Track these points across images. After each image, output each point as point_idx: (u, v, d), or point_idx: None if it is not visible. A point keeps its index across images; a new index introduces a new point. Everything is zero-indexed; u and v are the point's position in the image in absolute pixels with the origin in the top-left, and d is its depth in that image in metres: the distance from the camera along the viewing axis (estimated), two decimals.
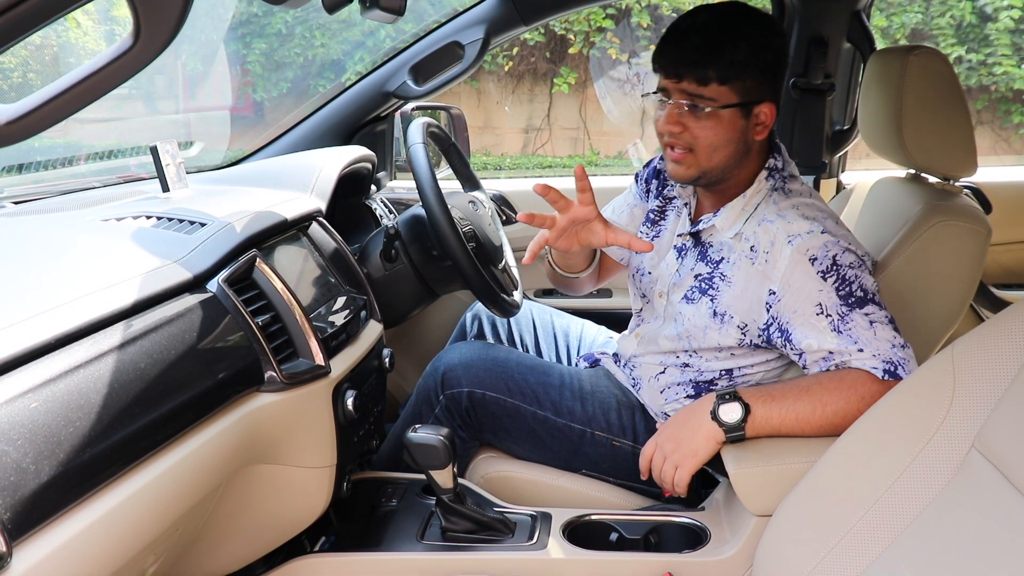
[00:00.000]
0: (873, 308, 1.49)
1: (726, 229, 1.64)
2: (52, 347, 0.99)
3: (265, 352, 1.31)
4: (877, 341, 1.47)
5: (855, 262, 1.51)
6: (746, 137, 1.59)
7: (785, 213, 1.56)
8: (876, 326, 1.48)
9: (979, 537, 1.04)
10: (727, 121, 1.56)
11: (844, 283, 1.49)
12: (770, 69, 1.57)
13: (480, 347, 1.90)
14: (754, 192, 1.63)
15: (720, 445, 1.51)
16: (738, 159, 1.61)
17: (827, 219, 1.56)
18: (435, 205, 1.72)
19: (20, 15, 0.76)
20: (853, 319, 1.48)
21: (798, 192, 1.63)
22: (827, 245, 1.50)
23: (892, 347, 1.47)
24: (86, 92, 0.81)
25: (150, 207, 1.54)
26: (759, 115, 1.58)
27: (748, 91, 1.55)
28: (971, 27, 7.00)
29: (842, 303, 1.49)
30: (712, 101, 1.54)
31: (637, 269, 1.86)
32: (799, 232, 1.52)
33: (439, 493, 1.52)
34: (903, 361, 1.46)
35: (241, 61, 6.82)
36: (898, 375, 1.45)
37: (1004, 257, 2.76)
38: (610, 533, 1.59)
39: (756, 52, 1.53)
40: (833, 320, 1.49)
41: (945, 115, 1.72)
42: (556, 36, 7.62)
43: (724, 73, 1.52)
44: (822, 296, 1.49)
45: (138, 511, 1.04)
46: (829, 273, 1.49)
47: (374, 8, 1.20)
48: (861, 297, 1.49)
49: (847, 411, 1.44)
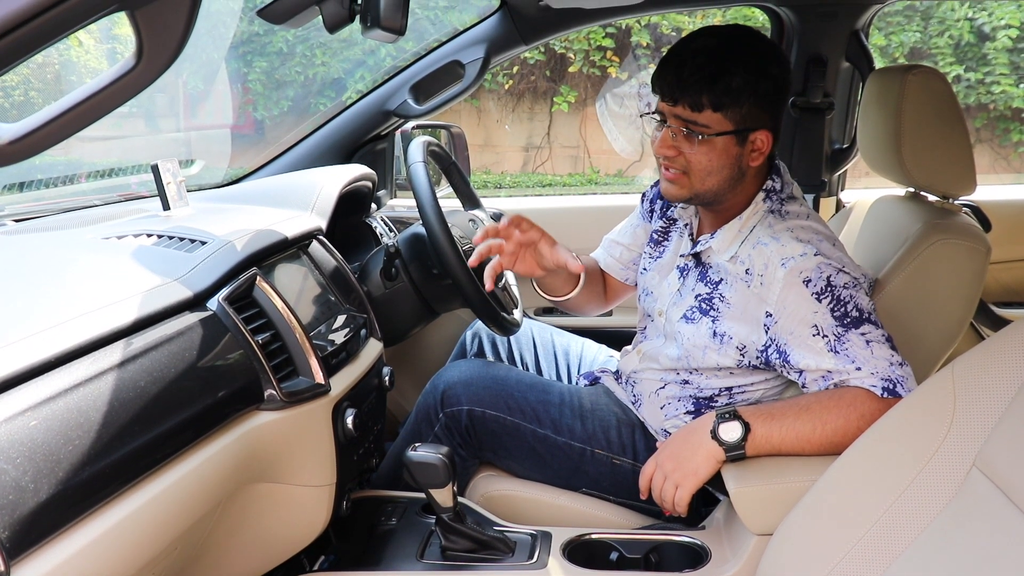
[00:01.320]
0: (869, 328, 1.49)
1: (722, 251, 1.64)
2: (52, 365, 0.99)
3: (265, 370, 1.31)
4: (875, 360, 1.47)
5: (849, 282, 1.51)
6: (740, 163, 1.59)
7: (779, 236, 1.56)
8: (873, 345, 1.48)
9: (981, 556, 1.03)
10: (721, 148, 1.56)
11: (839, 304, 1.49)
12: (767, 97, 1.56)
13: (480, 365, 1.90)
14: (750, 214, 1.63)
15: (720, 464, 1.50)
16: (732, 184, 1.61)
17: (822, 241, 1.55)
18: (436, 224, 1.72)
19: (23, 35, 0.76)
20: (849, 339, 1.48)
21: (795, 214, 1.62)
22: (820, 267, 1.50)
23: (890, 365, 1.47)
24: (89, 112, 0.82)
25: (151, 225, 1.54)
26: (755, 142, 1.58)
27: (744, 119, 1.55)
28: (969, 46, 7.04)
29: (838, 324, 1.48)
30: (706, 128, 1.54)
31: (643, 289, 1.87)
32: (792, 255, 1.52)
33: (439, 512, 1.51)
34: (902, 379, 1.46)
35: (242, 80, 6.84)
36: (897, 393, 1.45)
37: (1004, 275, 2.76)
38: (610, 552, 1.58)
39: (753, 80, 1.53)
40: (830, 341, 1.49)
41: (944, 134, 1.72)
42: (556, 55, 7.65)
43: (718, 100, 1.52)
44: (817, 318, 1.49)
45: (137, 529, 1.04)
46: (824, 295, 1.49)
47: (375, 27, 1.21)
48: (857, 317, 1.49)
49: (847, 429, 1.44)
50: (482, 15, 2.46)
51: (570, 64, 7.58)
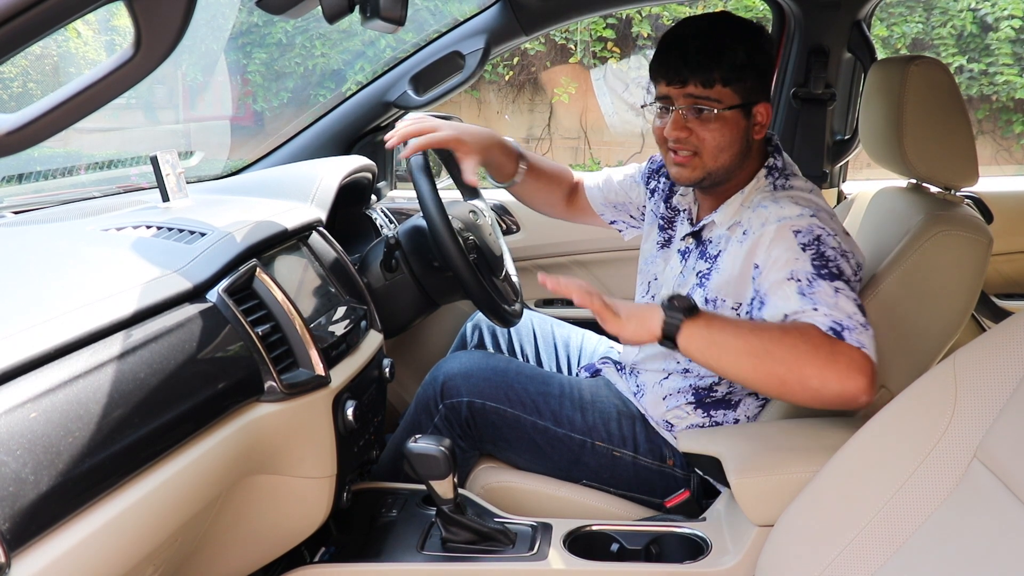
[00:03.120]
0: (843, 285, 1.45)
1: (724, 223, 1.67)
2: (51, 357, 0.99)
3: (265, 362, 1.31)
4: (836, 308, 1.42)
5: (838, 246, 1.50)
6: (747, 136, 1.63)
7: (779, 200, 1.59)
8: (840, 296, 1.43)
9: (982, 548, 1.03)
10: (732, 122, 1.60)
11: (821, 258, 1.48)
12: (765, 71, 1.63)
13: (480, 356, 1.90)
14: (753, 188, 1.67)
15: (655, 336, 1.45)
16: (740, 159, 1.65)
17: (821, 211, 1.57)
18: (437, 219, 1.71)
19: (21, 25, 0.76)
20: (820, 286, 1.44)
21: (799, 188, 1.65)
22: (813, 226, 1.51)
23: (849, 316, 1.41)
24: (87, 102, 0.81)
25: (150, 217, 1.54)
26: (757, 115, 1.63)
27: (748, 92, 1.60)
28: (972, 37, 7.01)
29: (814, 272, 1.46)
30: (717, 103, 1.58)
31: (649, 275, 1.89)
32: (789, 215, 1.54)
33: (439, 504, 1.51)
34: (853, 328, 1.39)
35: (241, 71, 6.82)
36: (843, 336, 1.38)
37: (1005, 267, 2.75)
38: (611, 544, 1.58)
39: (752, 54, 1.58)
40: (801, 285, 1.45)
41: (946, 125, 1.72)
42: (557, 46, 7.63)
43: (727, 75, 1.57)
44: (797, 264, 1.48)
45: (138, 521, 1.04)
46: (809, 247, 1.49)
47: (375, 18, 1.20)
48: (835, 274, 1.47)
49: (783, 342, 1.38)
50: (482, 5, 2.45)
51: (571, 55, 7.57)
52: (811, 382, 1.36)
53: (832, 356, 1.36)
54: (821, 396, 1.37)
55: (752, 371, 1.41)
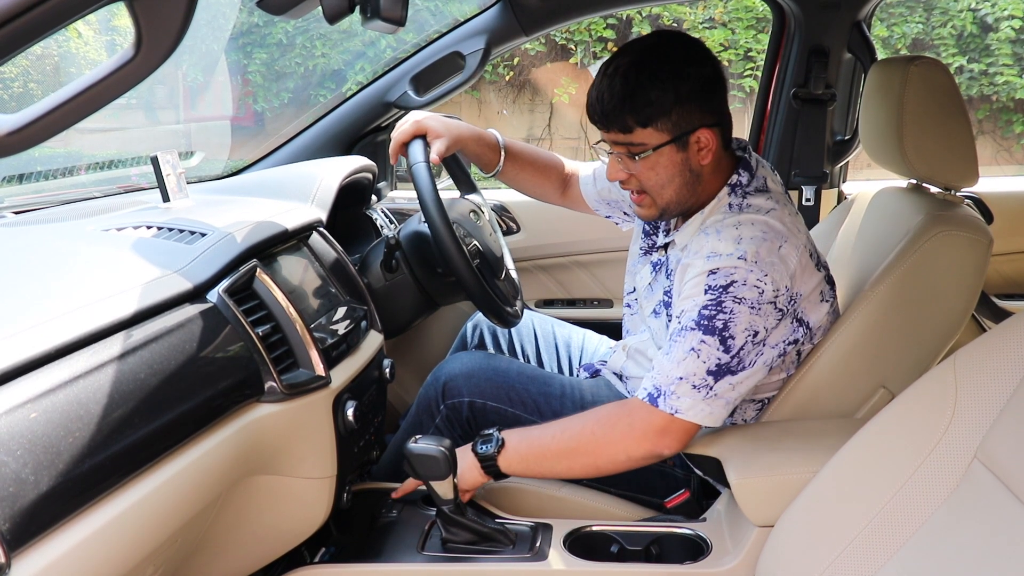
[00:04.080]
0: (713, 342, 1.47)
1: (682, 243, 1.66)
2: (52, 357, 0.99)
3: (265, 362, 1.31)
4: (671, 370, 1.48)
5: (749, 299, 1.47)
6: (690, 166, 1.59)
7: (723, 229, 1.54)
8: (690, 357, 1.47)
9: (983, 548, 1.03)
10: (664, 158, 1.57)
11: (716, 307, 1.47)
12: (696, 96, 1.54)
13: (481, 357, 1.90)
14: (712, 208, 1.63)
15: (484, 478, 1.59)
16: (691, 187, 1.61)
17: (765, 241, 1.51)
18: (440, 225, 1.70)
19: (22, 26, 0.76)
20: (683, 338, 1.48)
21: (755, 208, 1.59)
22: (735, 270, 1.48)
23: (679, 379, 1.47)
24: (88, 103, 0.81)
25: (150, 217, 1.54)
26: (699, 141, 1.57)
27: (676, 125, 1.54)
28: (972, 37, 7.01)
29: (695, 320, 1.48)
30: (641, 146, 1.55)
31: (633, 287, 1.89)
32: (720, 252, 1.51)
33: (440, 504, 1.51)
34: (670, 394, 1.47)
35: (242, 71, 6.82)
36: (656, 403, 1.48)
37: (1006, 267, 2.75)
38: (611, 544, 1.58)
39: (672, 86, 1.52)
40: (675, 327, 1.51)
41: (946, 125, 1.72)
42: (557, 46, 7.63)
43: (643, 117, 1.53)
44: (688, 304, 1.50)
45: (138, 522, 1.04)
46: (712, 291, 1.48)
47: (375, 18, 1.20)
48: (716, 328, 1.47)
49: (582, 435, 1.53)
50: (483, 6, 2.45)
51: (571, 55, 7.56)
52: (618, 457, 1.53)
53: (630, 427, 1.51)
54: (633, 461, 1.54)
55: (568, 471, 1.59)
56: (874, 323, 1.62)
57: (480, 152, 1.96)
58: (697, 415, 1.48)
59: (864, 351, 1.63)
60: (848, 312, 1.64)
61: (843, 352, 1.62)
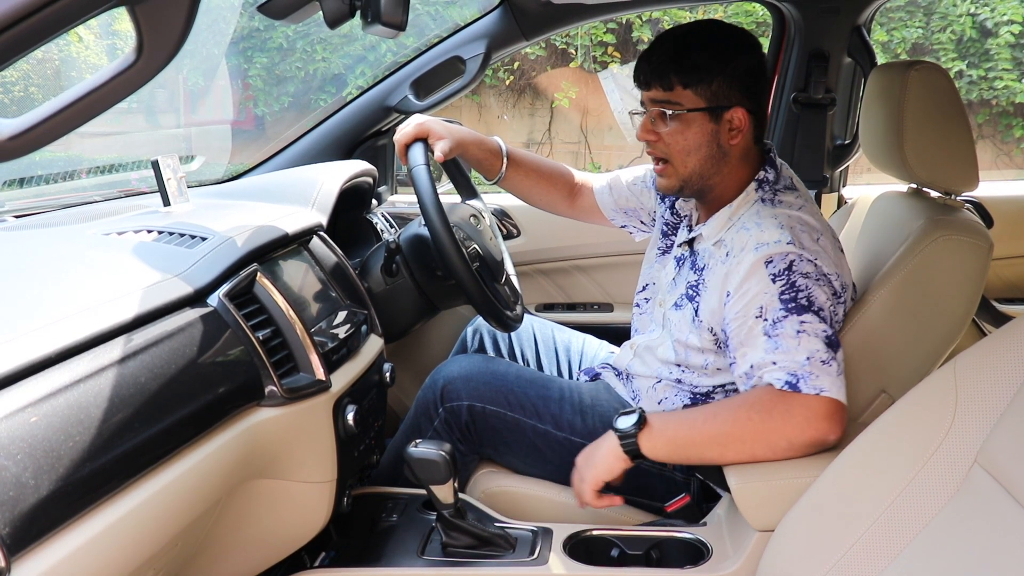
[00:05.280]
0: (811, 318, 1.48)
1: (711, 237, 1.66)
2: (52, 361, 0.99)
3: (266, 366, 1.31)
4: (795, 355, 1.46)
5: (813, 273, 1.50)
6: (719, 141, 1.61)
7: (763, 221, 1.57)
8: (803, 336, 1.47)
9: (983, 552, 1.03)
10: (696, 125, 1.60)
11: (791, 288, 1.49)
12: (739, 76, 1.59)
13: (480, 360, 1.90)
14: (741, 202, 1.65)
15: (622, 458, 1.54)
16: (715, 165, 1.63)
17: (804, 232, 1.55)
18: (440, 229, 1.70)
19: (23, 31, 0.76)
20: (784, 327, 1.48)
21: (788, 204, 1.62)
22: (788, 253, 1.51)
23: (807, 359, 1.46)
24: (88, 107, 0.81)
25: (151, 221, 1.54)
26: (731, 120, 1.60)
27: (715, 95, 1.58)
28: (972, 42, 7.02)
29: (781, 307, 1.49)
30: (677, 105, 1.59)
31: (648, 279, 1.90)
32: (767, 241, 1.53)
33: (440, 508, 1.51)
34: (809, 375, 1.45)
35: (242, 75, 6.83)
36: (798, 388, 1.45)
37: (1006, 271, 2.75)
38: (611, 549, 1.58)
39: (721, 59, 1.58)
40: (766, 325, 1.49)
41: (946, 130, 1.72)
42: (557, 50, 7.64)
43: (686, 78, 1.57)
44: (765, 299, 1.50)
45: (138, 526, 1.04)
46: (780, 277, 1.50)
47: (376, 23, 1.20)
48: (803, 305, 1.48)
49: (737, 421, 1.48)
50: (483, 11, 2.46)
51: (571, 60, 7.57)
52: (779, 444, 1.46)
53: (788, 414, 1.45)
54: (795, 450, 1.46)
55: (721, 458, 1.50)
56: (875, 327, 1.62)
57: (482, 157, 1.97)
58: (839, 391, 1.46)
59: (865, 355, 1.63)
60: (849, 316, 1.64)
61: (844, 356, 1.62)
